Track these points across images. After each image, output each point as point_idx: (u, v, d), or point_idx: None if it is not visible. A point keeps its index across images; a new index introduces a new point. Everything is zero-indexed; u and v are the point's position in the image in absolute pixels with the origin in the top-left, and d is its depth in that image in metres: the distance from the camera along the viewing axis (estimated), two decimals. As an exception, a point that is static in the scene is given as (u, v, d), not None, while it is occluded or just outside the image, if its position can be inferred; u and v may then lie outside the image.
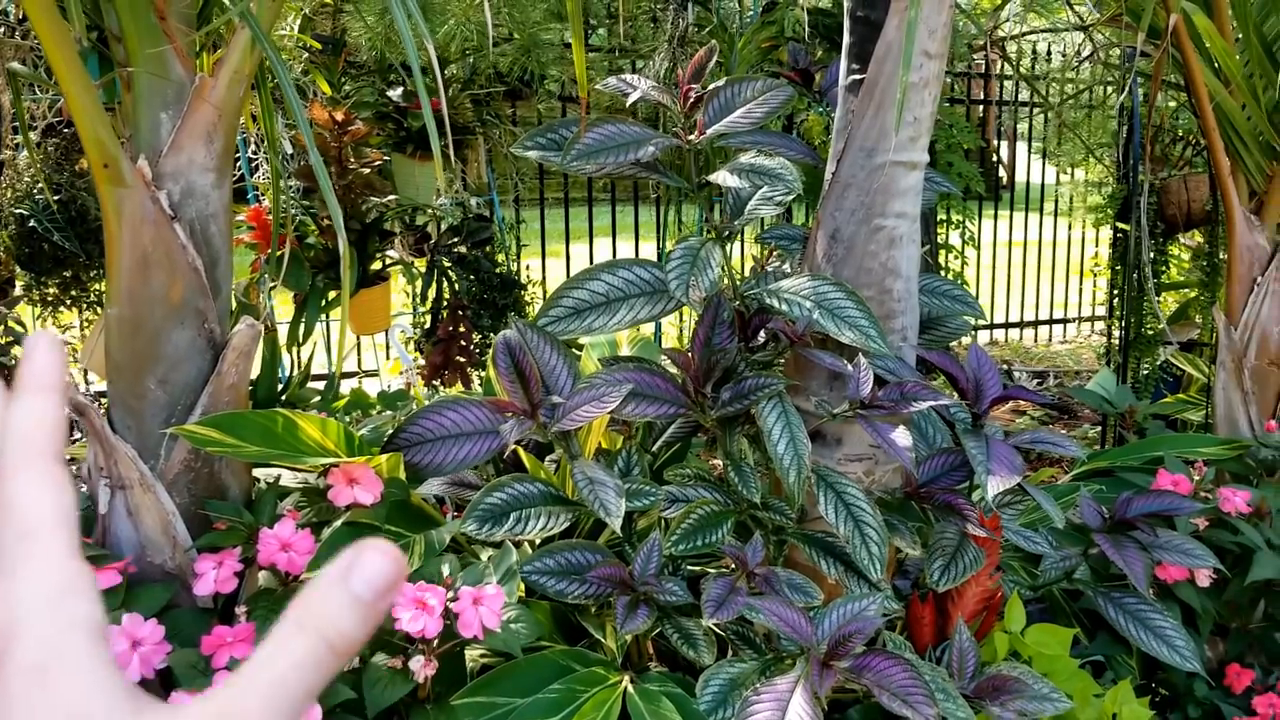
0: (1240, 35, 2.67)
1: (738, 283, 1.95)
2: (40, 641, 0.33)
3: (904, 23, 1.64)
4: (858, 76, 1.87)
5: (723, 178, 1.78)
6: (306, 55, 3.20)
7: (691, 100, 1.85)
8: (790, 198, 1.85)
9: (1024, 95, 6.83)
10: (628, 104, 1.87)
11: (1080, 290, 6.76)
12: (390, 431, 1.83)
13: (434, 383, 3.16)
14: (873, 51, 1.83)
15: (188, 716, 0.33)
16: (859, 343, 1.73)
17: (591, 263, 2.98)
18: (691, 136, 1.85)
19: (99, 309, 3.03)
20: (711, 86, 1.90)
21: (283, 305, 3.74)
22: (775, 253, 2.18)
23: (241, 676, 0.34)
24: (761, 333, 1.93)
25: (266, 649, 0.34)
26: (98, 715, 0.32)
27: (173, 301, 1.60)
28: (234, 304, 1.90)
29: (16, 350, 2.80)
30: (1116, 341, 4.25)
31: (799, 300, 1.77)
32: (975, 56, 6.01)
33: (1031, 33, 5.38)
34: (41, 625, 0.34)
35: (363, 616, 0.34)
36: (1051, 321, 7.00)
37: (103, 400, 1.92)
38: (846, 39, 1.92)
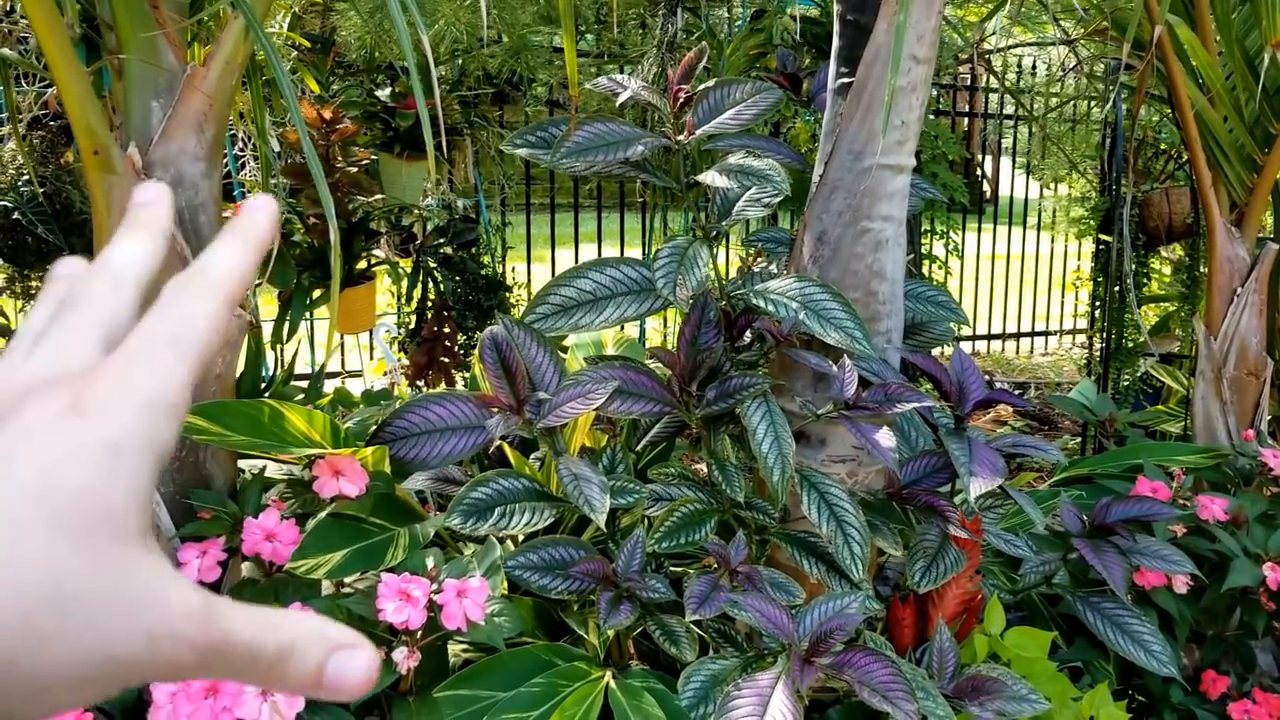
0: (1223, 49, 2.70)
1: (724, 283, 1.96)
2: (120, 433, 0.34)
3: (893, 27, 1.66)
4: (846, 80, 1.89)
5: (711, 178, 1.79)
6: (295, 53, 3.20)
7: (681, 101, 1.87)
8: (778, 199, 1.86)
9: (1009, 109, 6.88)
10: (617, 104, 1.88)
11: (1062, 303, 6.80)
12: (376, 425, 1.83)
13: (418, 383, 3.16)
14: (861, 55, 1.84)
15: (181, 585, 0.34)
16: (844, 344, 1.74)
17: (578, 265, 2.98)
18: (681, 137, 1.86)
19: (82, 303, 3.00)
20: (701, 88, 1.92)
21: (266, 304, 3.73)
22: (762, 255, 2.19)
23: (231, 605, 0.35)
24: (747, 333, 1.94)
25: (257, 612, 0.36)
26: (120, 520, 0.33)
27: (159, 290, 1.60)
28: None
29: (0, 343, 2.79)
30: (1098, 353, 4.28)
31: (785, 301, 1.78)
32: (961, 69, 6.05)
33: (1017, 46, 5.42)
34: (130, 419, 0.34)
35: (309, 682, 0.35)
36: (1033, 334, 7.05)
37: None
38: (835, 42, 1.94)
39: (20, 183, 2.75)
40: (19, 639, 0.30)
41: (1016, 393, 5.85)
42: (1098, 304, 4.45)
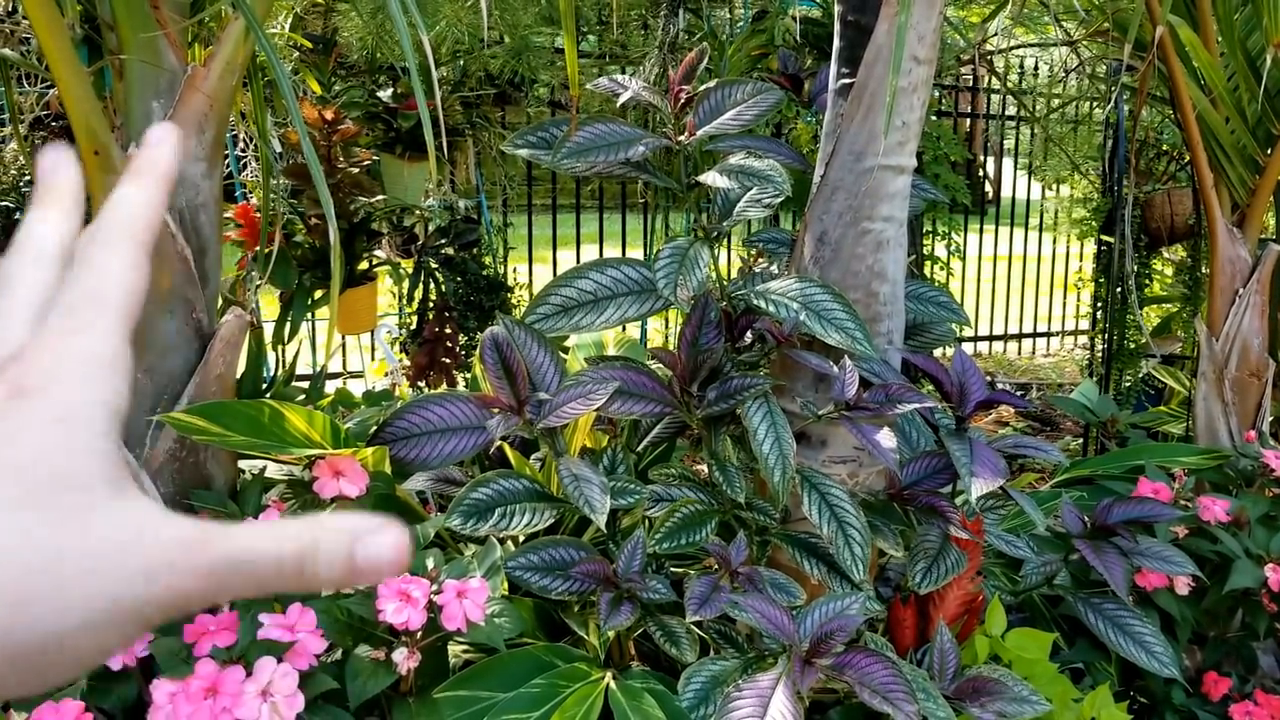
0: (1225, 50, 2.70)
1: (725, 284, 1.96)
2: (62, 402, 0.34)
3: (894, 27, 1.66)
4: (847, 81, 1.89)
5: (712, 178, 1.79)
6: (297, 54, 3.20)
7: (682, 101, 1.86)
8: (779, 199, 1.86)
9: (1010, 110, 6.88)
10: (619, 104, 1.88)
11: (1064, 304, 6.80)
12: (376, 425, 1.83)
13: (419, 383, 3.15)
14: (862, 56, 1.84)
15: (168, 521, 0.35)
16: (845, 345, 1.74)
17: (579, 265, 2.98)
18: (682, 137, 1.86)
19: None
20: (703, 88, 1.92)
21: (267, 305, 3.73)
22: (762, 255, 2.19)
23: (233, 526, 0.35)
24: (748, 333, 1.94)
25: (267, 525, 0.36)
26: (83, 479, 0.33)
27: (161, 290, 1.60)
28: (220, 300, 1.90)
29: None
30: (1099, 354, 4.28)
31: (786, 301, 1.78)
32: (963, 70, 6.05)
33: (1019, 47, 5.42)
34: (70, 386, 0.35)
35: (345, 574, 0.36)
36: (1035, 335, 7.04)
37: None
38: (836, 43, 1.94)
39: (22, 183, 2.75)
40: (21, 618, 0.31)
41: (1018, 394, 5.84)
42: (1099, 305, 4.45)
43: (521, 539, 1.92)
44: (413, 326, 3.27)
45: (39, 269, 0.39)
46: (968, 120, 7.48)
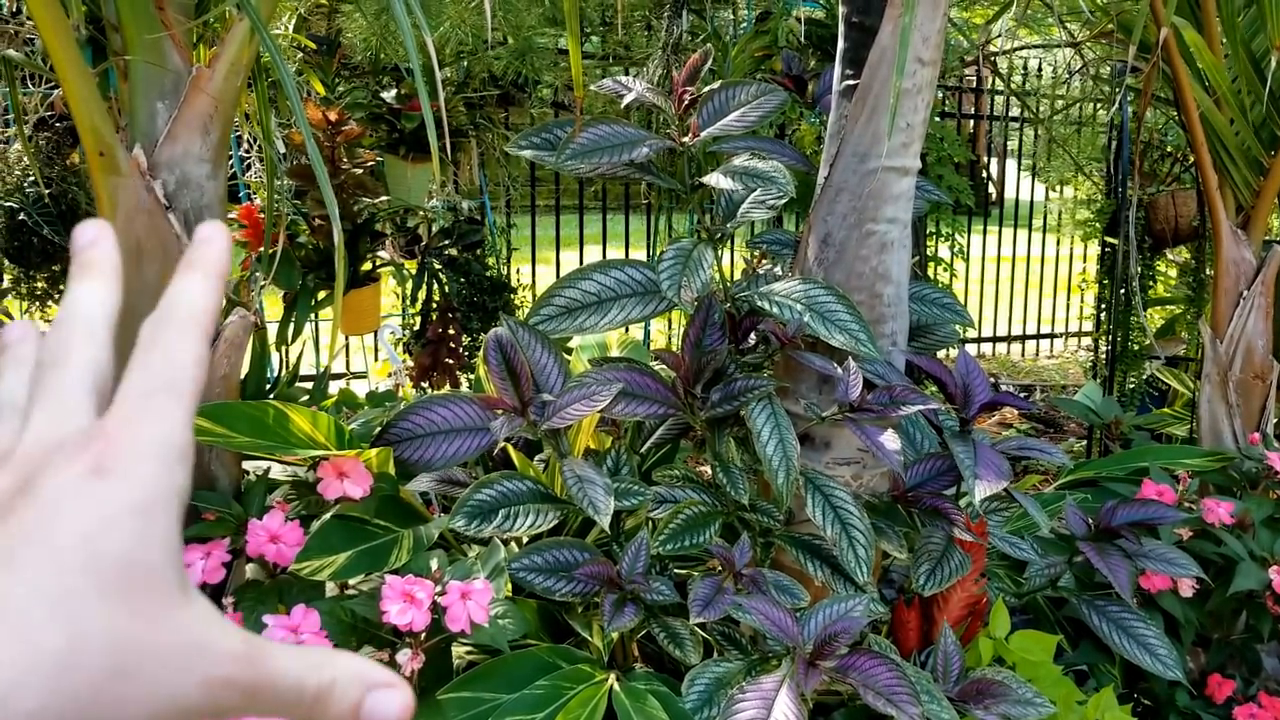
0: (1229, 51, 2.70)
1: (729, 285, 1.95)
2: (143, 488, 0.34)
3: (898, 28, 1.66)
4: (851, 82, 1.89)
5: (716, 179, 1.79)
6: (301, 55, 3.21)
7: (686, 103, 1.86)
8: (783, 201, 1.86)
9: (1014, 112, 6.87)
10: (622, 106, 1.88)
11: (1068, 306, 6.80)
12: (380, 427, 1.83)
13: (422, 385, 3.15)
14: (867, 57, 1.84)
15: (227, 630, 0.35)
16: (849, 346, 1.74)
17: (582, 266, 2.98)
18: (685, 138, 1.86)
19: (88, 304, 3.01)
20: (706, 89, 1.92)
21: (271, 306, 3.73)
22: (766, 257, 2.19)
23: (271, 645, 0.36)
24: (752, 335, 1.94)
25: (298, 653, 0.37)
26: (157, 572, 0.34)
27: (164, 289, 1.60)
28: (224, 300, 1.90)
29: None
30: (1103, 356, 4.27)
31: (790, 303, 1.78)
32: (967, 71, 6.04)
33: (1023, 48, 5.42)
34: (151, 472, 0.35)
35: None
36: (1039, 336, 7.04)
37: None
38: (841, 44, 1.93)
39: (26, 184, 2.76)
40: (93, 708, 0.31)
41: (1022, 395, 5.83)
42: (1103, 307, 4.45)
43: (525, 540, 1.91)
44: (416, 327, 3.28)
45: (92, 344, 0.39)
46: (971, 122, 7.48)
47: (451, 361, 3.16)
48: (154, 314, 0.39)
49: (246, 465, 1.86)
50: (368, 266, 3.13)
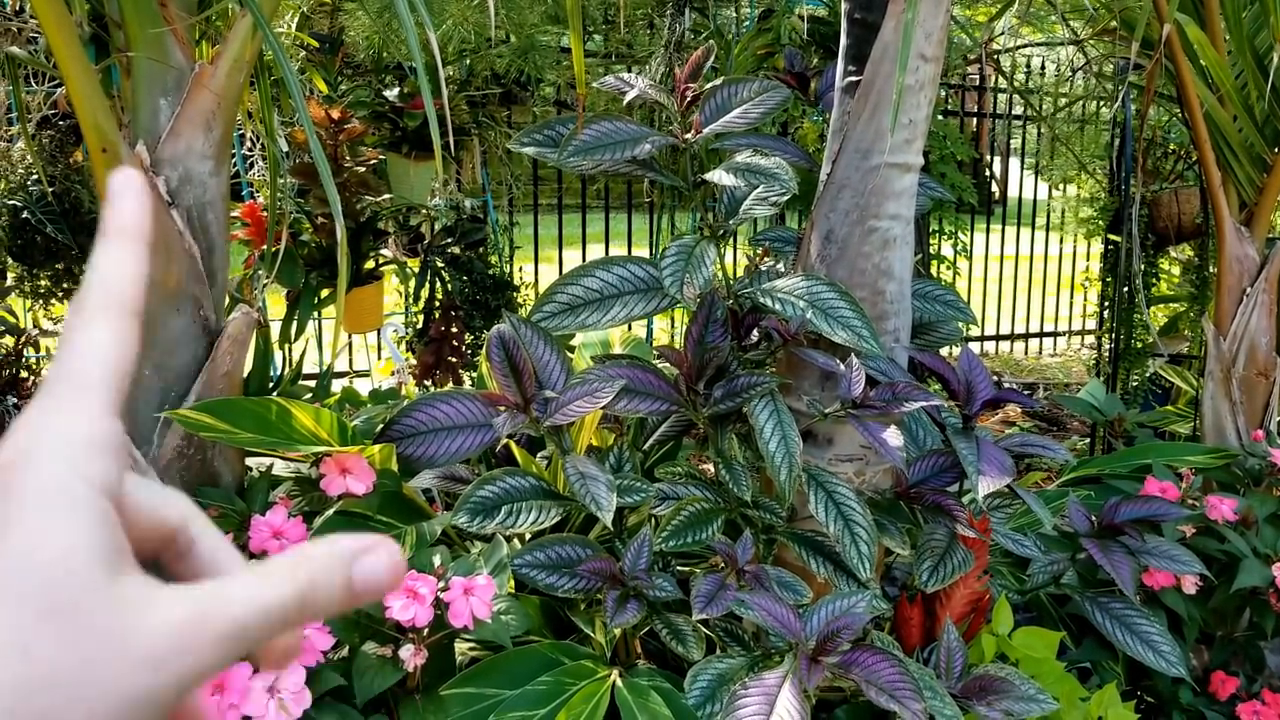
0: (1233, 48, 2.69)
1: (731, 282, 1.95)
2: (46, 481, 0.33)
3: (901, 25, 1.66)
4: (854, 78, 1.89)
5: (719, 176, 1.79)
6: (304, 53, 3.21)
7: (688, 99, 1.86)
8: (785, 198, 1.86)
9: (1017, 109, 6.87)
10: (625, 103, 1.88)
11: (1071, 304, 6.79)
12: (383, 423, 1.83)
13: (425, 382, 3.16)
14: (869, 53, 1.84)
15: (165, 601, 0.33)
16: (852, 343, 1.74)
17: (585, 264, 2.98)
18: (688, 135, 1.86)
19: (91, 302, 3.02)
20: (709, 86, 1.92)
21: (274, 304, 3.74)
22: (768, 254, 2.19)
23: (226, 586, 0.35)
24: (755, 332, 1.94)
25: (257, 575, 0.36)
26: (73, 565, 0.32)
27: (168, 287, 1.60)
28: (227, 298, 1.90)
29: (8, 340, 2.79)
30: (1106, 354, 4.27)
31: (792, 300, 1.78)
32: (969, 69, 6.04)
33: (1025, 46, 5.41)
34: (53, 466, 0.34)
35: (345, 600, 0.36)
36: (1042, 334, 7.03)
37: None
38: (843, 41, 1.93)
39: (29, 182, 2.76)
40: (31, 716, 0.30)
41: (1025, 393, 5.83)
42: (1106, 304, 4.44)
43: (528, 537, 1.92)
44: (419, 325, 3.28)
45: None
46: (974, 119, 7.47)
47: (454, 360, 3.16)
48: (75, 297, 0.38)
49: (250, 461, 1.86)
50: (370, 265, 3.14)
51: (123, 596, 0.33)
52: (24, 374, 3.13)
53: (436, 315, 3.21)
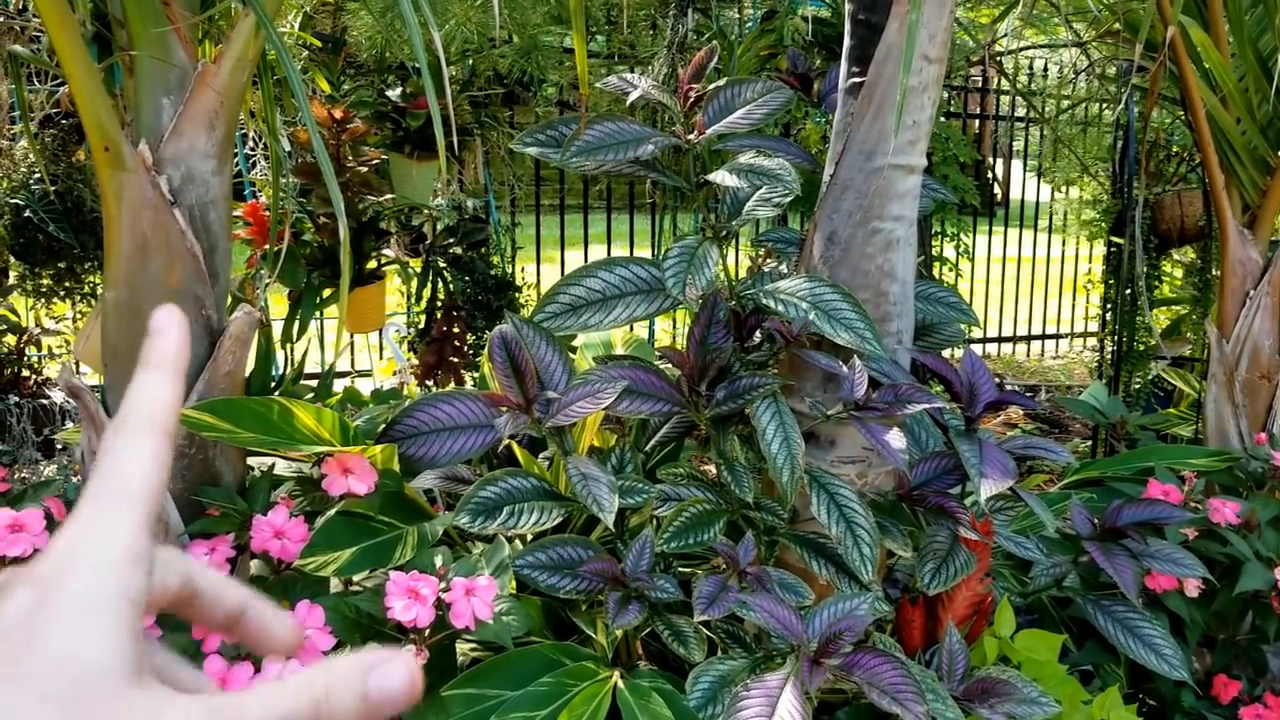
0: (1236, 50, 2.69)
1: (734, 283, 1.95)
2: (86, 593, 0.35)
3: (904, 26, 1.66)
4: (857, 79, 1.88)
5: (721, 177, 1.78)
6: (307, 53, 3.21)
7: (691, 100, 1.86)
8: (789, 199, 1.86)
9: (1020, 111, 6.86)
10: (628, 103, 1.88)
11: (1073, 306, 6.79)
12: (385, 423, 1.83)
13: (427, 382, 3.16)
14: (873, 55, 1.83)
15: (179, 711, 0.35)
16: (854, 345, 1.73)
17: (587, 265, 2.98)
18: (691, 136, 1.86)
19: (93, 300, 3.03)
20: (712, 87, 1.91)
21: (276, 304, 3.73)
22: (771, 255, 2.19)
23: (242, 696, 0.36)
24: (757, 333, 1.93)
25: (274, 686, 0.37)
26: (99, 674, 0.34)
27: (170, 286, 1.60)
28: (229, 297, 1.90)
29: (10, 338, 2.80)
30: (1109, 356, 4.27)
31: (795, 301, 1.78)
32: (972, 71, 6.04)
33: (1029, 48, 5.41)
34: (93, 577, 0.36)
35: (360, 712, 0.37)
36: (1044, 337, 7.03)
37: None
38: (847, 42, 1.93)
39: (32, 181, 2.76)
40: None
41: (1027, 396, 5.82)
42: (1109, 307, 4.44)
43: (529, 537, 1.91)
44: (421, 325, 3.28)
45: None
46: (977, 121, 7.47)
47: (456, 360, 3.16)
48: (115, 417, 0.40)
49: (251, 461, 1.86)
50: (373, 265, 3.13)
51: (142, 706, 0.35)
52: (25, 372, 3.12)
53: (438, 315, 3.21)
